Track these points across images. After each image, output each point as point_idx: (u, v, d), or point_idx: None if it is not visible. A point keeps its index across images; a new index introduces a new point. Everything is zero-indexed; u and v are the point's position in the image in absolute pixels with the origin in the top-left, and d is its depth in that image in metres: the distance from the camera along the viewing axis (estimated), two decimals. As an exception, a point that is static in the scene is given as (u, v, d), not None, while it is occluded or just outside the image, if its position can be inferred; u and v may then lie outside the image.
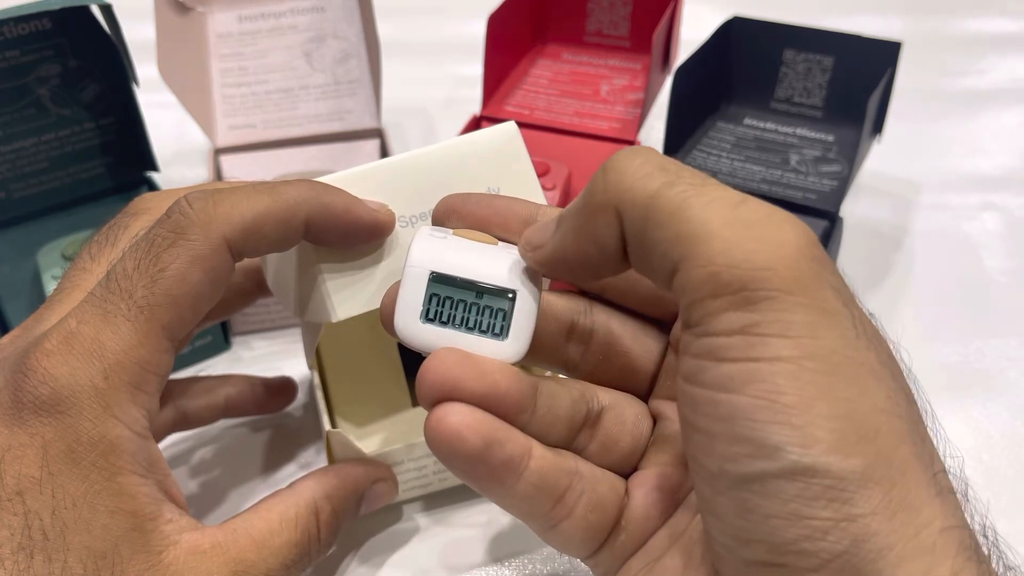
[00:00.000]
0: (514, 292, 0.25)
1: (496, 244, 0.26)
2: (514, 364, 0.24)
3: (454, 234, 0.26)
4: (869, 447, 0.19)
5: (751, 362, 0.19)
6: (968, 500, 0.21)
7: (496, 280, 0.25)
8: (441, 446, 0.22)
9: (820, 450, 0.19)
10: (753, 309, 0.19)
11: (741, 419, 0.19)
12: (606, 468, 0.25)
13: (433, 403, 0.23)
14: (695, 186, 0.21)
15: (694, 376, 0.20)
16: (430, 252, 0.25)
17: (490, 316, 0.24)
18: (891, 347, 0.22)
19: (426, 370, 0.23)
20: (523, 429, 0.23)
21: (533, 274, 0.25)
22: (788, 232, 0.20)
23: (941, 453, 0.21)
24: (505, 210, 0.26)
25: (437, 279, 0.25)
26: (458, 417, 0.22)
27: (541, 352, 0.26)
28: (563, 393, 0.25)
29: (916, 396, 0.22)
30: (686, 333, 0.21)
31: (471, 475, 0.23)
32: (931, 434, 0.21)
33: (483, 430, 0.22)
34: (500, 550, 0.34)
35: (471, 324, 0.24)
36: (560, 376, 0.26)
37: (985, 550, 0.20)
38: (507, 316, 0.24)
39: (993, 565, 0.20)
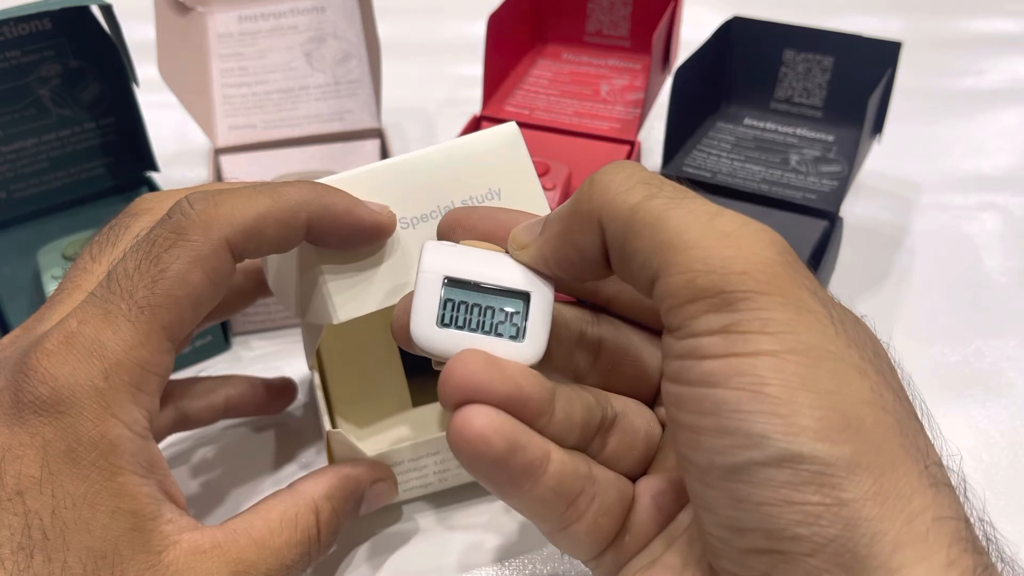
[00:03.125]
0: (528, 294, 0.25)
1: (504, 252, 0.26)
2: (532, 367, 0.24)
3: (462, 243, 0.26)
4: (855, 435, 0.19)
5: (733, 357, 0.20)
6: (966, 496, 0.21)
7: (509, 283, 0.25)
8: (465, 448, 0.22)
9: (807, 437, 0.19)
10: (732, 309, 0.20)
11: (727, 411, 0.20)
12: (618, 472, 0.25)
13: (456, 405, 0.23)
14: (674, 199, 0.22)
15: (678, 376, 0.21)
16: (442, 258, 0.25)
17: (506, 318, 0.24)
18: (882, 347, 0.22)
19: (450, 372, 0.23)
20: (541, 432, 0.23)
21: (544, 277, 0.25)
22: (763, 240, 0.21)
23: (937, 450, 0.21)
24: (510, 223, 0.26)
25: (451, 283, 0.25)
26: (484, 420, 0.22)
27: (552, 361, 0.26)
28: (580, 398, 0.25)
29: (911, 394, 0.22)
30: (668, 337, 0.22)
31: (492, 478, 0.23)
32: (927, 430, 0.21)
33: (507, 433, 0.22)
34: (500, 550, 0.35)
35: (487, 327, 0.24)
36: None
37: (984, 543, 0.20)
38: (523, 318, 0.24)
39: (992, 559, 0.20)
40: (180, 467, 0.38)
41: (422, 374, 0.36)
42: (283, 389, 0.38)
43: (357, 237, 0.28)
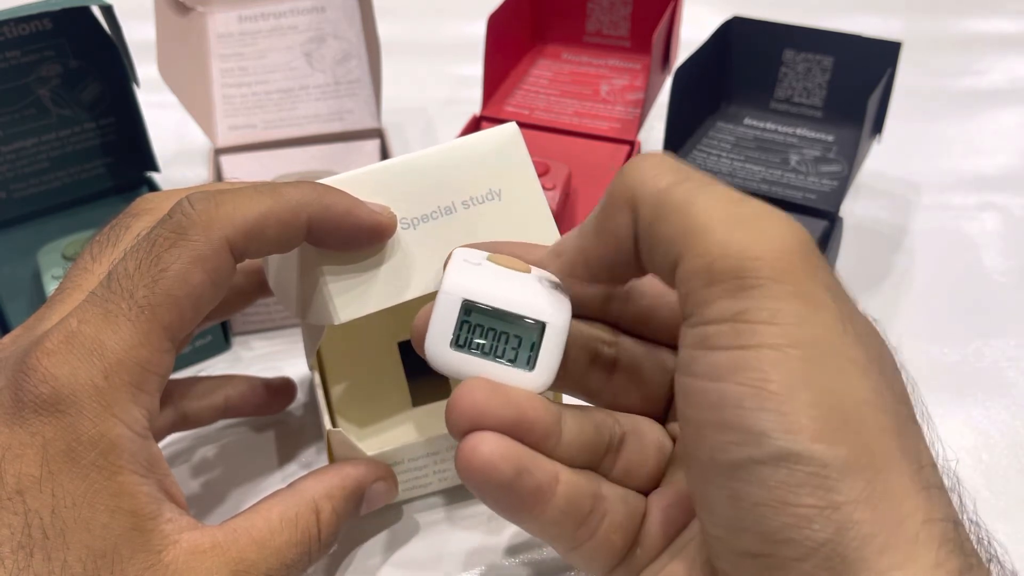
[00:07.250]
0: (544, 324, 0.25)
1: (530, 271, 0.26)
2: (539, 394, 0.24)
3: (488, 259, 0.26)
4: (853, 436, 0.19)
5: (739, 350, 0.20)
6: (960, 498, 0.21)
7: (527, 311, 0.25)
8: (473, 475, 0.23)
9: (805, 437, 0.19)
10: (743, 296, 0.20)
11: (729, 407, 0.20)
12: (630, 489, 0.26)
13: (463, 433, 0.23)
14: (702, 185, 0.22)
15: (687, 367, 0.21)
16: (464, 279, 0.25)
17: (519, 346, 0.25)
18: (889, 350, 0.22)
19: (455, 400, 0.23)
20: (550, 455, 0.24)
21: (564, 305, 0.25)
22: (783, 228, 0.21)
23: (934, 453, 0.21)
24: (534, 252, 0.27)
25: (469, 307, 0.25)
26: (490, 446, 0.23)
27: (565, 380, 0.27)
28: (587, 420, 0.25)
29: (913, 397, 0.22)
30: (683, 325, 0.22)
31: (502, 503, 0.23)
32: (925, 433, 0.21)
33: (513, 458, 0.23)
34: (500, 549, 0.35)
35: (500, 353, 0.25)
36: (582, 404, 0.27)
37: (973, 545, 0.20)
38: (535, 347, 0.25)
39: (981, 559, 0.20)
40: (180, 467, 0.38)
41: (422, 374, 0.36)
42: (283, 389, 0.38)
43: (358, 238, 0.28)
